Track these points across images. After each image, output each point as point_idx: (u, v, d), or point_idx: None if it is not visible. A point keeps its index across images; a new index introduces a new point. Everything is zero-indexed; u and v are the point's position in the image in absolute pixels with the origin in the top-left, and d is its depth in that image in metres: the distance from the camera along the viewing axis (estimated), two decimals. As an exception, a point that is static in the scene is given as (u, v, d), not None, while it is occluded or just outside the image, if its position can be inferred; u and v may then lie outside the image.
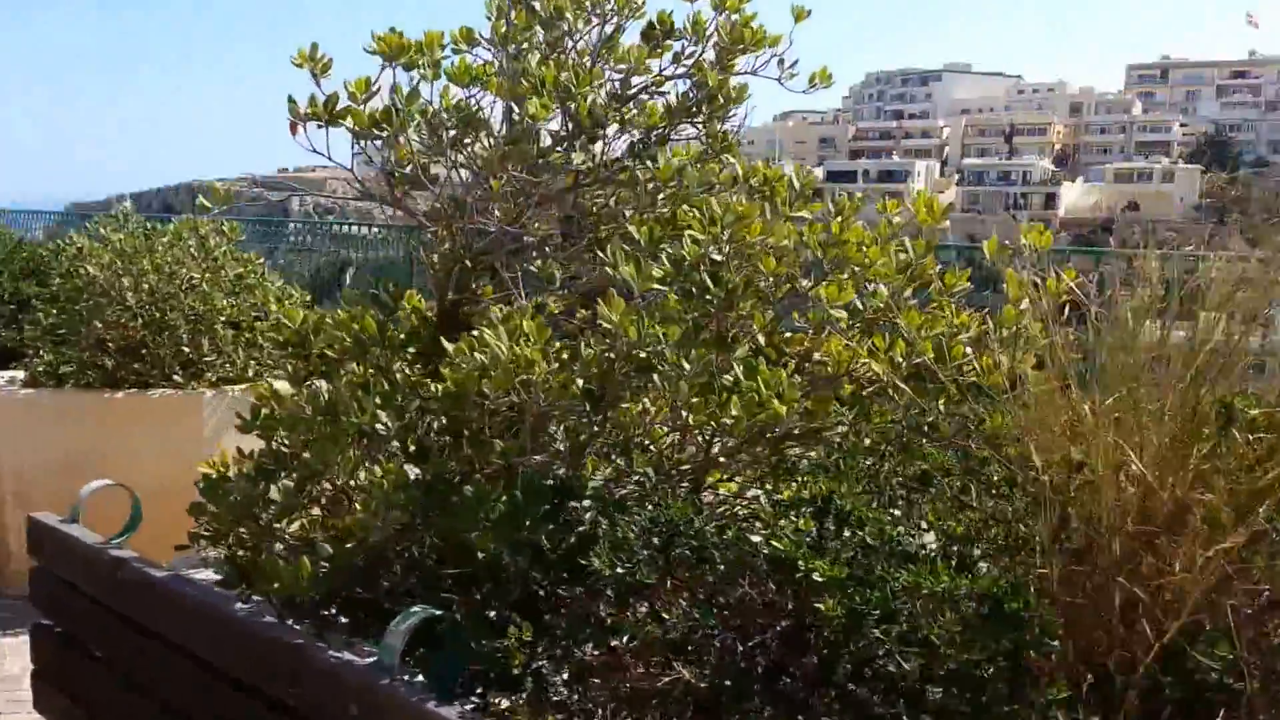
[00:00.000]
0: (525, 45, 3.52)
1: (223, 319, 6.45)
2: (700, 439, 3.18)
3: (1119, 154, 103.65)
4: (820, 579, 2.16)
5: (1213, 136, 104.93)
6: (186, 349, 6.32)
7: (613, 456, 2.98)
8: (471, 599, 2.95)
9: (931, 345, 2.87)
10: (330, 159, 3.26)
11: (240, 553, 3.35)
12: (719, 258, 2.90)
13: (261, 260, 7.05)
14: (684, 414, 2.81)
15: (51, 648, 3.78)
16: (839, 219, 3.09)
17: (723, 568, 2.38)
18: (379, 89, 3.14)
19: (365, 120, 3.09)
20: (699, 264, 2.84)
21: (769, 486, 3.22)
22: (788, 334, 3.21)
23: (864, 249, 3.05)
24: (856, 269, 3.08)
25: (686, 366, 2.73)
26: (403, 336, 3.61)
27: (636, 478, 2.92)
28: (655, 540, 2.44)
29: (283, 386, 3.91)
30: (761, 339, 3.07)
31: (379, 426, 3.05)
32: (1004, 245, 3.16)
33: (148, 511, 3.90)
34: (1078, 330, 2.84)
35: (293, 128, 3.18)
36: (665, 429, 3.01)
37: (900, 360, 2.88)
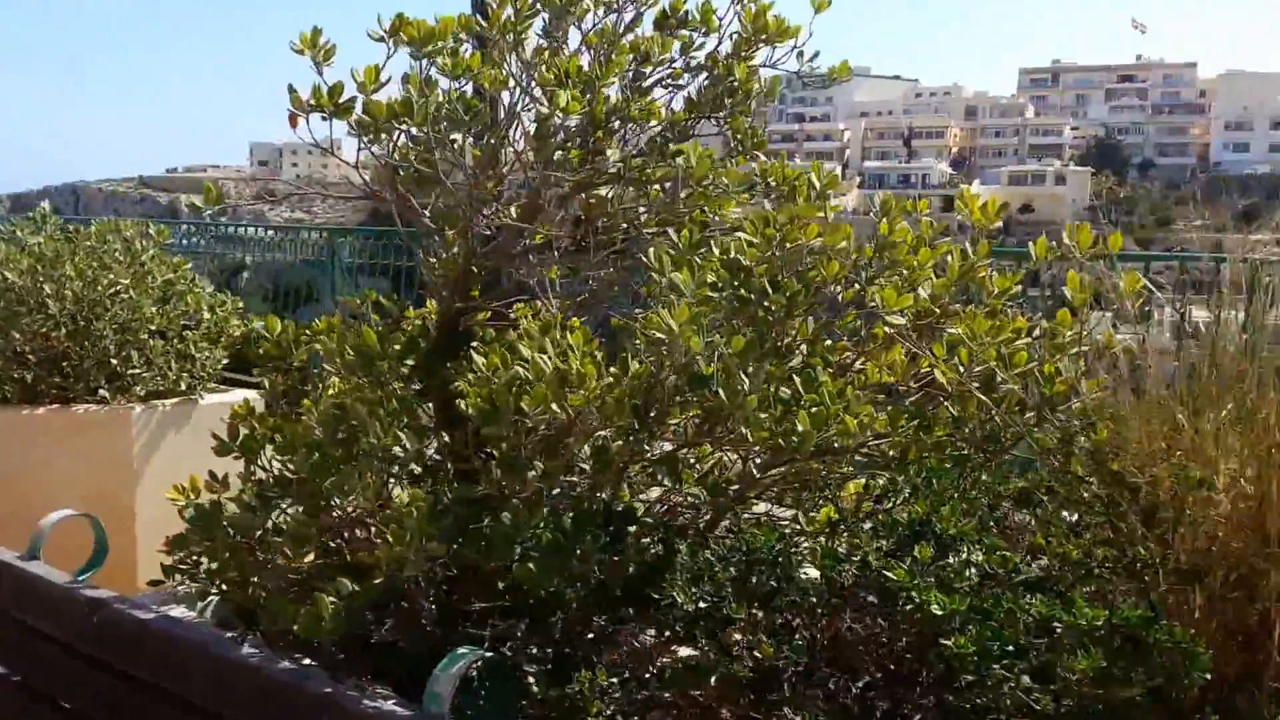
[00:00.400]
0: (524, 35, 3.29)
1: (151, 328, 6.06)
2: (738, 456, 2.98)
3: (1013, 156, 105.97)
4: (940, 612, 1.97)
5: (1102, 139, 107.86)
6: (114, 361, 5.92)
7: (659, 476, 2.76)
8: (512, 636, 2.72)
9: (995, 352, 2.69)
10: (333, 153, 2.98)
11: (226, 588, 3.07)
12: (749, 262, 2.70)
13: (189, 265, 6.68)
14: (743, 430, 2.59)
15: (9, 699, 3.43)
16: (885, 219, 2.91)
17: (814, 599, 2.18)
18: (390, 79, 2.88)
19: (384, 111, 2.81)
20: (754, 269, 2.63)
21: (796, 504, 3.05)
22: (828, 342, 3.02)
23: (914, 251, 2.87)
24: (904, 272, 2.90)
25: (746, 380, 2.52)
26: (396, 348, 3.35)
27: (688, 500, 2.72)
28: (732, 570, 2.22)
29: (244, 398, 3.62)
30: (804, 348, 2.88)
31: (397, 449, 2.79)
32: (1052, 246, 3.01)
33: (74, 537, 3.58)
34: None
35: (293, 120, 2.90)
36: (710, 446, 2.80)
37: (962, 368, 2.70)
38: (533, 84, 3.25)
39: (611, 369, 2.60)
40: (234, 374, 6.32)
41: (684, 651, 2.81)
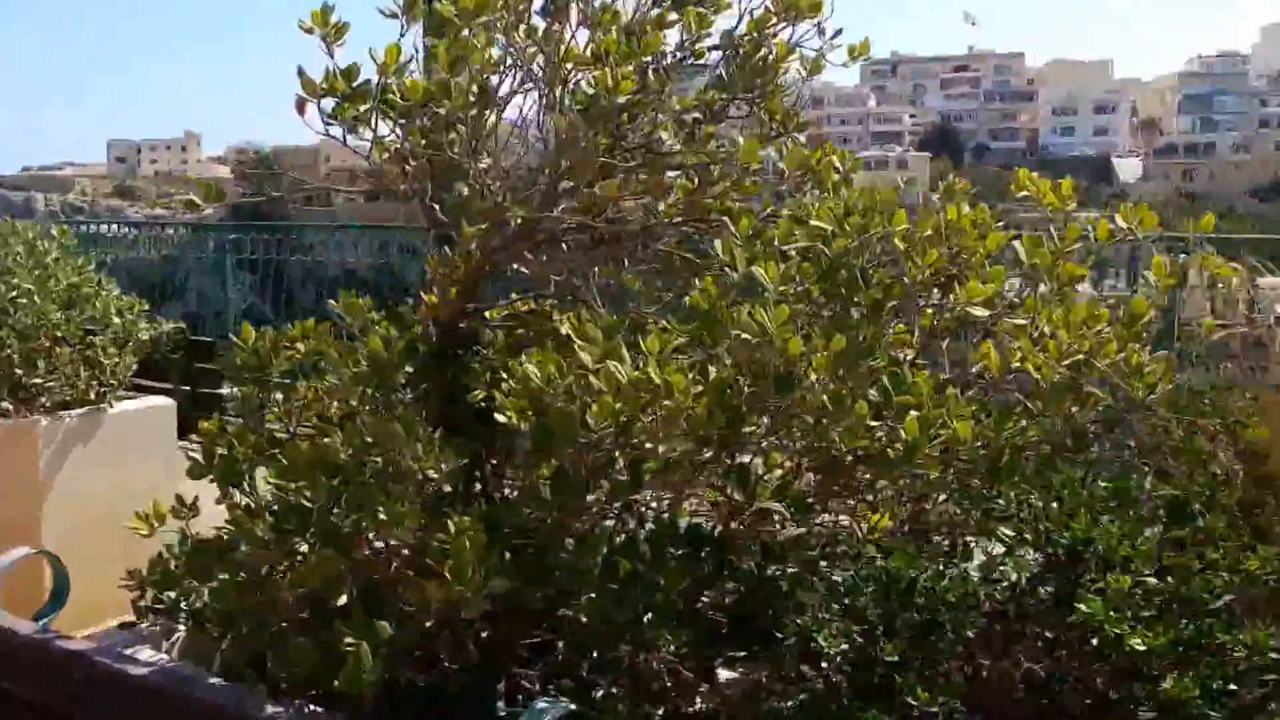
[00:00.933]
0: (525, 13, 2.99)
1: (58, 334, 5.57)
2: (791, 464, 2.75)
3: (858, 144, 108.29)
4: (1142, 648, 1.77)
5: (939, 126, 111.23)
6: (18, 370, 5.42)
7: (728, 490, 2.50)
8: (568, 676, 2.44)
9: (1090, 343, 2.51)
10: (344, 143, 2.64)
11: (232, 632, 2.70)
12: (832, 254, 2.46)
13: (91, 267, 6.19)
14: (835, 438, 2.36)
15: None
16: (951, 202, 2.71)
17: (971, 635, 1.96)
18: (410, 60, 2.55)
19: (419, 92, 2.48)
20: (843, 261, 2.40)
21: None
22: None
23: (983, 237, 2.68)
24: (970, 259, 2.71)
25: (829, 383, 2.29)
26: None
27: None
28: (875, 604, 1.99)
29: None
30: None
31: (431, 471, 2.47)
32: (1113, 230, 2.85)
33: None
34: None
35: (300, 106, 2.55)
36: (781, 455, 2.56)
37: (1054, 361, 2.51)
38: (532, 63, 2.96)
39: (693, 375, 2.33)
40: (143, 380, 5.89)
41: (724, 674, 2.58)
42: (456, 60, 2.53)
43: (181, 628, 3.13)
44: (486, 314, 3.21)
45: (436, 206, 2.84)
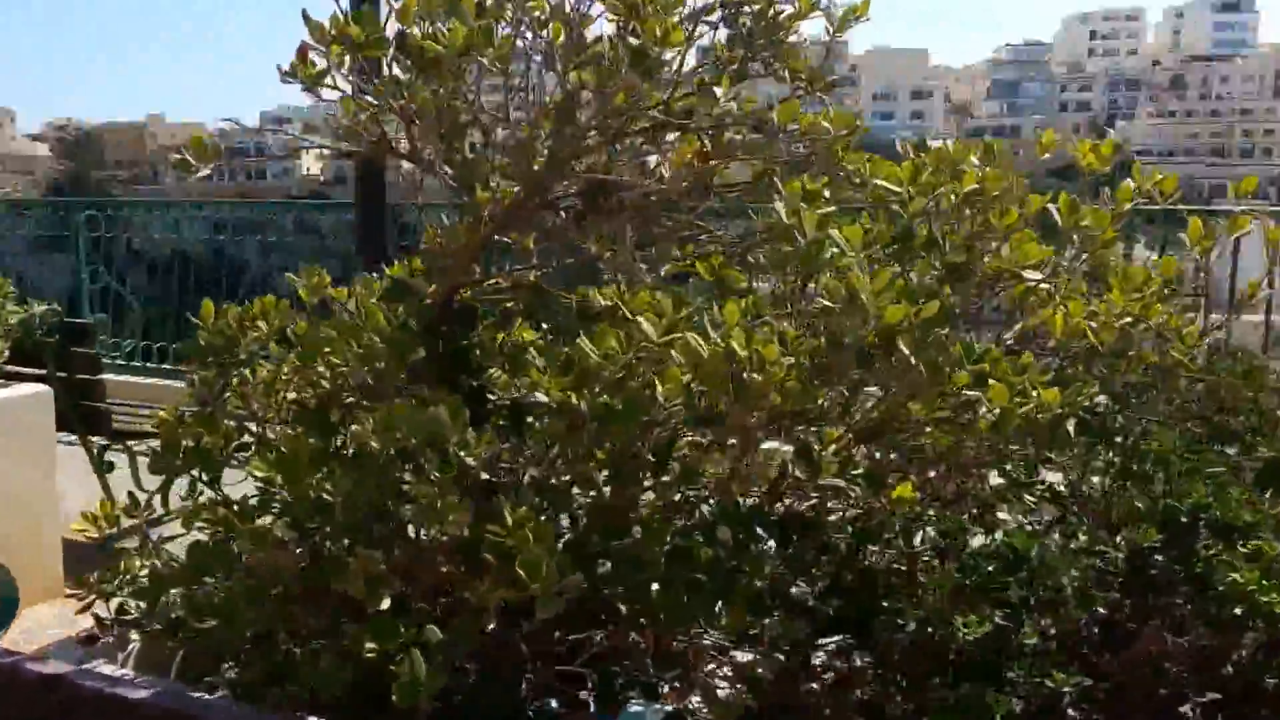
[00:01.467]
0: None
1: (-67, 326, 5.12)
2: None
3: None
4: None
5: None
6: (-103, 368, 4.96)
7: (791, 467, 2.35)
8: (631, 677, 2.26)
9: (1141, 306, 2.45)
10: (353, 95, 2.37)
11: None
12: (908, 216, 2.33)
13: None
14: (911, 408, 2.23)
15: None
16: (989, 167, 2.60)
17: (1100, 610, 1.86)
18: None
19: (460, 41, 2.22)
20: (916, 223, 2.26)
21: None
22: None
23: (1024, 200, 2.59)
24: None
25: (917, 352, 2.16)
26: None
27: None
28: (1015, 584, 1.87)
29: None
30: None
31: (470, 459, 2.25)
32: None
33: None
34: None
35: (303, 53, 2.27)
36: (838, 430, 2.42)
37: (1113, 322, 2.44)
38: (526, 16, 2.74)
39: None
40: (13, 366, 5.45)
41: (742, 657, 2.45)
42: (481, 7, 2.29)
43: (135, 638, 2.85)
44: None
45: (448, 170, 2.60)
